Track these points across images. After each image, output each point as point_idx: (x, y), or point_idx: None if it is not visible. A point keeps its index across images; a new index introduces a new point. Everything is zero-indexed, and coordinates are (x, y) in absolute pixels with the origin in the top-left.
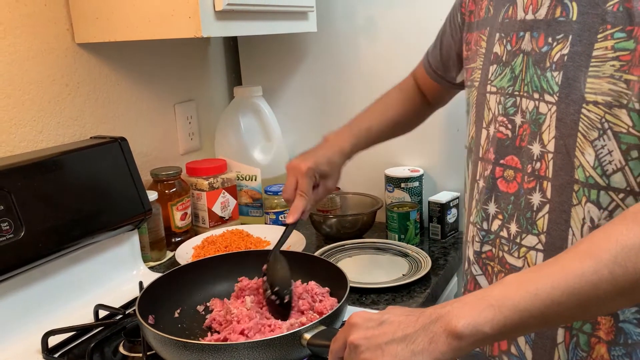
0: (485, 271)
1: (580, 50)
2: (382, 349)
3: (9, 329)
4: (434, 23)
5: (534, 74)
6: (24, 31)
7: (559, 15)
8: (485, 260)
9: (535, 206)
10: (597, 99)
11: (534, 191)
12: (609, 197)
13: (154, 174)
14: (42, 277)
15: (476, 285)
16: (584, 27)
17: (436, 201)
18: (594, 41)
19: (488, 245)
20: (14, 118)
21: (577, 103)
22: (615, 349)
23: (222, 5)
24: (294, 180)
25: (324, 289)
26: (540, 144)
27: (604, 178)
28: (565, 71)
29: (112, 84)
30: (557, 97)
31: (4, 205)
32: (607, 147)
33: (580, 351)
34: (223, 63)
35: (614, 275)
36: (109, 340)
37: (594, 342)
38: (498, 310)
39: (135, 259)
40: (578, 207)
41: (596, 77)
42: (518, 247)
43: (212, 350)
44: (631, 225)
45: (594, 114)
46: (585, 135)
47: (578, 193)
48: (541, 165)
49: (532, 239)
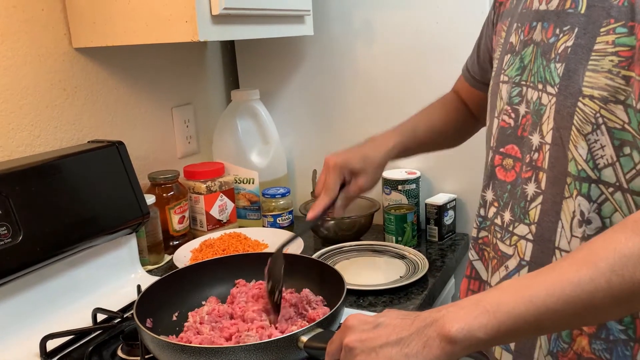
0: (481, 257)
1: (583, 43)
2: (376, 352)
3: (8, 332)
4: (430, 25)
5: (541, 64)
6: (21, 36)
7: (568, 6)
8: (482, 246)
9: (529, 196)
10: (594, 93)
11: (530, 181)
12: (599, 190)
13: (151, 177)
14: (40, 281)
15: (472, 270)
16: (589, 19)
17: (433, 203)
18: (596, 35)
19: (484, 232)
20: (11, 122)
21: (574, 96)
22: (596, 343)
23: (218, 10)
24: (324, 176)
25: (317, 297)
26: (539, 135)
27: (595, 171)
28: (567, 63)
29: (109, 88)
30: (557, 88)
31: (2, 210)
32: (600, 142)
33: (562, 342)
34: (220, 66)
35: (611, 285)
36: (107, 344)
37: (575, 334)
38: (493, 315)
39: (133, 263)
40: (569, 200)
41: (594, 71)
42: (510, 235)
43: (209, 354)
44: (630, 235)
45: (589, 108)
46: (579, 128)
47: (570, 186)
48: (539, 155)
49: (524, 229)
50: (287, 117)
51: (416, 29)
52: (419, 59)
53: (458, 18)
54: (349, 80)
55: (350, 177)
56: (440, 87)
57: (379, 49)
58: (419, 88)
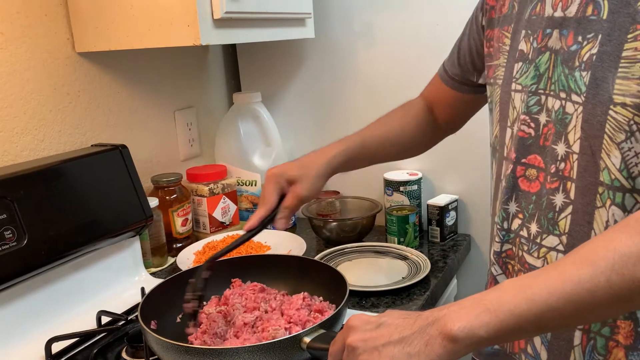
0: (505, 270)
1: (610, 50)
2: (379, 351)
3: (13, 335)
4: (430, 28)
5: (562, 72)
6: (24, 41)
7: (590, 13)
8: (505, 259)
9: (557, 207)
10: (626, 100)
11: (557, 191)
12: (633, 200)
13: (154, 180)
14: (45, 284)
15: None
16: (614, 26)
17: (435, 204)
18: (623, 41)
19: (508, 244)
20: (15, 127)
21: (605, 104)
22: (633, 354)
23: (220, 14)
24: (263, 187)
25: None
26: (565, 144)
27: (629, 180)
28: (594, 71)
29: (112, 92)
30: (584, 97)
31: (7, 214)
32: (634, 150)
33: (597, 354)
34: (222, 70)
35: (611, 283)
36: (111, 346)
37: (611, 346)
38: (494, 314)
39: (137, 265)
40: (602, 210)
41: (625, 78)
42: (538, 247)
43: (213, 355)
44: (631, 233)
45: (621, 116)
46: (611, 137)
47: (602, 195)
48: (566, 165)
49: (553, 240)
50: (288, 120)
51: (416, 31)
52: (419, 61)
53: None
54: (350, 82)
55: (289, 186)
56: None
57: (379, 51)
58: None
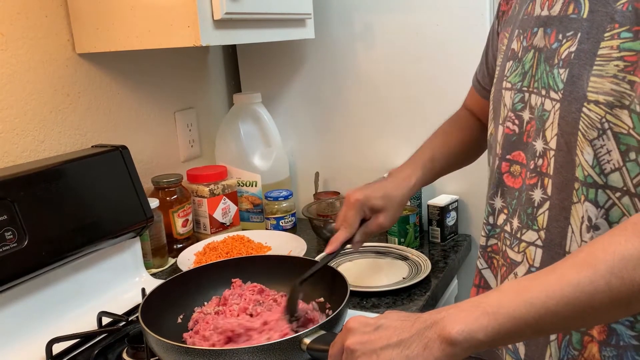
0: (490, 265)
1: (587, 48)
2: (377, 354)
3: (14, 336)
4: (430, 29)
5: (544, 70)
6: (25, 42)
7: (571, 12)
8: (491, 254)
9: (536, 202)
10: (599, 98)
11: (535, 187)
12: (606, 196)
13: (155, 181)
14: (46, 285)
15: (481, 279)
16: (592, 24)
17: (435, 204)
18: (600, 39)
19: (494, 239)
20: (16, 128)
21: (579, 101)
22: (606, 350)
23: (220, 14)
24: (344, 211)
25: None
26: (543, 141)
27: (602, 177)
28: (571, 69)
29: (112, 93)
30: (561, 94)
31: (8, 215)
32: (606, 147)
33: (572, 349)
34: (222, 71)
35: (610, 286)
36: (112, 347)
37: (586, 341)
38: (493, 317)
39: (137, 266)
40: (578, 205)
41: (599, 76)
42: (518, 242)
43: (214, 356)
44: (630, 237)
45: (594, 113)
46: (584, 134)
47: (578, 191)
48: (543, 162)
49: (532, 235)
50: (289, 120)
51: (417, 32)
52: (419, 62)
53: (458, 21)
54: (350, 83)
55: (371, 213)
56: (441, 89)
57: (379, 51)
58: (419, 90)
